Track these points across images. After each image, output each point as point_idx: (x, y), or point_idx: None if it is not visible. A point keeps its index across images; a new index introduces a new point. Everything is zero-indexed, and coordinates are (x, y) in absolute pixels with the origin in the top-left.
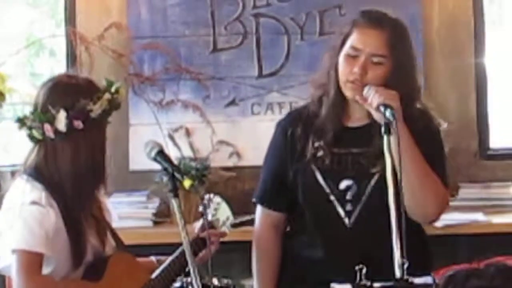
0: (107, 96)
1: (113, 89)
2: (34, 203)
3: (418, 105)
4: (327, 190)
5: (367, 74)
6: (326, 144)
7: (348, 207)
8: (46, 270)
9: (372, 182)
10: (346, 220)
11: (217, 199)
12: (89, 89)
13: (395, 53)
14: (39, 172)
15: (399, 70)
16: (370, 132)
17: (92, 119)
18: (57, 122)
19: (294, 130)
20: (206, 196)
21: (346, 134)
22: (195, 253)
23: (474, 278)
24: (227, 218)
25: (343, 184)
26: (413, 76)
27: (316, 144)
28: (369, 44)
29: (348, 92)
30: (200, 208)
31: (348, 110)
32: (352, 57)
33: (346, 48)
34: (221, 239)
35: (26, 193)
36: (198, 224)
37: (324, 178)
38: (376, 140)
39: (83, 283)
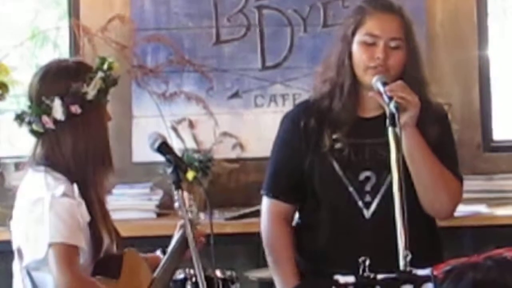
0: (100, 75)
1: (105, 67)
2: (65, 195)
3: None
4: (346, 181)
5: (389, 59)
6: (343, 136)
7: (367, 198)
8: None
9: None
10: (365, 211)
11: (188, 194)
12: (80, 71)
13: (409, 36)
14: (52, 163)
15: (415, 53)
16: (385, 122)
17: (88, 101)
18: (54, 111)
19: (307, 121)
20: (182, 193)
21: (362, 124)
22: (183, 251)
23: (471, 271)
24: (198, 215)
25: (363, 176)
26: (423, 60)
27: (334, 136)
28: (386, 29)
29: (368, 78)
30: (176, 205)
31: (362, 101)
32: (368, 44)
33: (361, 36)
34: (224, 231)
35: (51, 185)
36: (179, 222)
37: (343, 170)
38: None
39: (108, 281)
